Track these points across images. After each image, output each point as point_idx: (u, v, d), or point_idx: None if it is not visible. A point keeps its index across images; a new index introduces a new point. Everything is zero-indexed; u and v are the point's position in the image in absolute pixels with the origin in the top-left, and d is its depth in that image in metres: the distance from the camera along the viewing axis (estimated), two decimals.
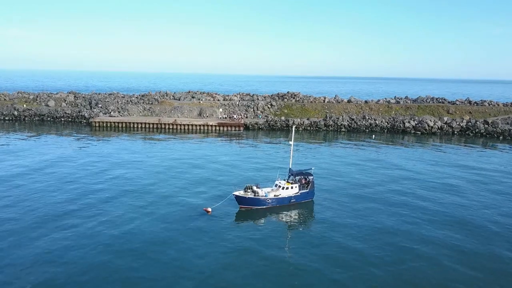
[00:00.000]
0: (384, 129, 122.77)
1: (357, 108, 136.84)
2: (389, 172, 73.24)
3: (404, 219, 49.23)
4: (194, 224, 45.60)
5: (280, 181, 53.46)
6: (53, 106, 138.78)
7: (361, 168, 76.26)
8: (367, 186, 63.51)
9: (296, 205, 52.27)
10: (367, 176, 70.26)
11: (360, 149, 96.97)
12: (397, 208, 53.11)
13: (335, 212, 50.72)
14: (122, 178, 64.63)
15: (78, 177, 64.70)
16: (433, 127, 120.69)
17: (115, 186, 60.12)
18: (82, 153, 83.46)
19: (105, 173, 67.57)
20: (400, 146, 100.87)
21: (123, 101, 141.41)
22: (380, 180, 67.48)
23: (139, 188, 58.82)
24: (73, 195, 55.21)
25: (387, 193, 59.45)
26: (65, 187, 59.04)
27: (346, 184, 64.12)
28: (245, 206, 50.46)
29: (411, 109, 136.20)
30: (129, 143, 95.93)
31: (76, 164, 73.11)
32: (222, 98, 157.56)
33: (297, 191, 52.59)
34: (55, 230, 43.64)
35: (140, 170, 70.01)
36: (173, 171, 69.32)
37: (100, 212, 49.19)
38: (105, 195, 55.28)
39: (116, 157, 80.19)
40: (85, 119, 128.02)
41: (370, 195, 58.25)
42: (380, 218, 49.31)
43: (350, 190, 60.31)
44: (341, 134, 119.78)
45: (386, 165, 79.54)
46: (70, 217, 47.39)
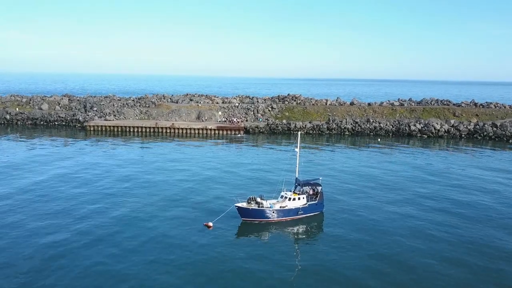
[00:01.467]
0: (389, 132, 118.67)
1: (360, 110, 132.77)
2: (399, 178, 69.06)
3: (425, 233, 45.00)
4: (194, 242, 41.25)
5: (286, 191, 49.18)
6: (47, 109, 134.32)
7: (369, 173, 72.08)
8: (379, 194, 59.36)
9: (304, 219, 47.99)
10: (377, 182, 66.09)
11: (366, 153, 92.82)
12: (416, 220, 48.88)
13: (348, 226, 46.45)
14: (113, 188, 60.24)
15: (62, 188, 60.34)
16: (439, 130, 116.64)
17: (104, 197, 55.73)
18: (70, 160, 79.03)
19: (93, 183, 63.16)
20: (406, 150, 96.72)
21: (119, 104, 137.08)
22: (392, 187, 63.33)
23: (130, 200, 54.43)
24: (57, 207, 50.86)
25: (401, 202, 55.23)
26: (42, 203, 54.66)
27: (356, 192, 59.91)
28: (248, 219, 46.18)
29: (416, 111, 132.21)
30: (123, 149, 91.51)
31: (54, 174, 68.67)
32: (221, 101, 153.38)
33: (305, 203, 48.32)
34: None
35: (133, 178, 65.62)
36: (169, 180, 64.92)
37: (86, 229, 44.80)
38: (91, 209, 50.86)
39: (107, 164, 75.77)
40: (80, 123, 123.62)
41: (384, 205, 54.04)
42: (398, 231, 45.08)
43: (362, 200, 56.09)
44: (344, 137, 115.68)
45: (395, 170, 75.37)
46: (52, 229, 43.05)
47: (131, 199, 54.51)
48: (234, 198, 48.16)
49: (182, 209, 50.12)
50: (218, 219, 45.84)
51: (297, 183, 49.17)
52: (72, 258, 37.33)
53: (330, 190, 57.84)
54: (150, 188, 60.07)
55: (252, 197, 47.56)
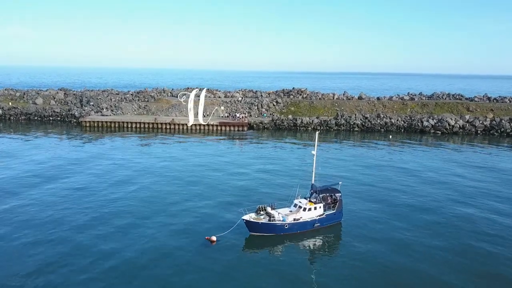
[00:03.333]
0: (401, 128, 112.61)
1: (369, 105, 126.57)
2: (420, 180, 63.22)
3: (461, 247, 39.27)
4: (194, 259, 35.59)
5: (301, 199, 43.32)
6: (41, 104, 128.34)
7: (385, 174, 66.28)
8: (401, 197, 53.65)
9: (321, 230, 42.23)
10: (396, 184, 60.36)
11: (378, 150, 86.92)
12: (452, 230, 43.10)
13: (372, 239, 40.72)
14: (105, 195, 54.50)
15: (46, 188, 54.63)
16: (454, 126, 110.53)
17: (92, 208, 49.99)
18: (62, 158, 73.24)
19: (78, 191, 57.44)
20: (420, 148, 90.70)
21: (117, 99, 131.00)
22: (415, 190, 57.65)
23: (121, 209, 48.60)
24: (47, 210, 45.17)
25: (427, 208, 49.39)
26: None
27: (375, 195, 54.20)
28: (257, 233, 40.42)
29: (427, 106, 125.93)
30: (119, 147, 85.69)
31: (45, 177, 62.99)
32: (223, 95, 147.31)
33: (322, 213, 42.53)
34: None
35: (126, 183, 59.78)
36: (166, 183, 59.06)
37: (73, 249, 39.12)
38: (76, 223, 45.11)
39: (99, 166, 69.99)
40: (75, 119, 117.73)
41: (408, 211, 48.29)
42: (428, 242, 39.35)
43: (383, 204, 50.43)
44: (354, 134, 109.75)
45: (413, 169, 69.50)
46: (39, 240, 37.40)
47: (124, 205, 48.76)
48: (241, 208, 42.14)
49: (181, 219, 44.31)
50: (222, 234, 40.05)
51: (313, 190, 43.27)
52: (58, 270, 31.65)
53: (345, 193, 51.97)
54: (144, 191, 54.27)
55: (261, 206, 41.79)
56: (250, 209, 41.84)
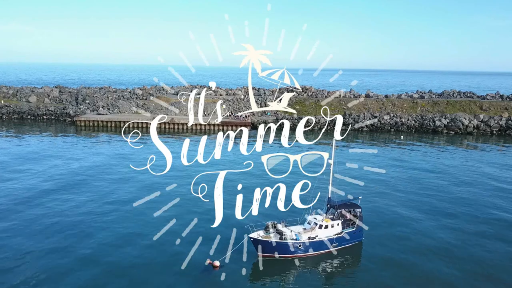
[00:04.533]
0: (412, 128, 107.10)
1: (377, 104, 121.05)
2: (446, 183, 58.02)
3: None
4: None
5: (316, 215, 37.95)
6: (35, 102, 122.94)
7: (405, 178, 61.06)
8: (430, 207, 48.40)
9: (339, 251, 36.87)
10: (418, 191, 55.04)
11: (390, 152, 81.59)
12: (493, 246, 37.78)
13: (398, 262, 35.40)
14: (88, 210, 49.18)
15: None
16: (468, 126, 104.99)
17: (73, 224, 44.68)
18: (49, 160, 67.93)
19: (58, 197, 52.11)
20: (434, 149, 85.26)
21: (114, 97, 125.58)
22: (442, 195, 52.44)
23: (107, 225, 43.26)
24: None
25: (460, 220, 44.03)
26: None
27: (399, 206, 48.82)
28: (267, 255, 35.11)
29: (439, 105, 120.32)
30: (113, 148, 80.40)
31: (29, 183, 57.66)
32: (224, 92, 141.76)
33: (341, 231, 37.18)
34: None
35: (111, 194, 54.41)
36: (159, 198, 53.54)
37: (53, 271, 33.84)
38: (55, 241, 39.83)
39: (87, 171, 64.68)
40: (70, 118, 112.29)
41: (435, 226, 42.91)
42: (468, 267, 34.06)
43: (410, 219, 44.99)
44: (362, 133, 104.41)
45: (434, 171, 64.35)
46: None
47: (108, 219, 43.44)
48: (247, 225, 36.59)
49: (175, 240, 38.75)
50: (227, 256, 34.70)
51: (330, 204, 37.90)
52: None
53: (365, 205, 46.58)
54: (134, 202, 48.79)
55: (271, 223, 36.44)
56: (257, 225, 36.43)
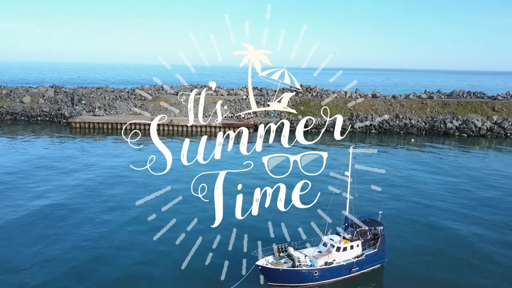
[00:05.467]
0: (422, 130, 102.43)
1: (385, 104, 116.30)
2: (471, 193, 53.32)
3: None
4: None
5: (332, 235, 33.27)
6: (29, 102, 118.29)
7: (425, 187, 56.20)
8: (460, 219, 43.76)
9: (360, 277, 32.21)
10: (443, 196, 50.73)
11: (402, 156, 77.23)
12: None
13: (430, 284, 30.84)
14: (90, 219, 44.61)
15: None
16: (481, 128, 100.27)
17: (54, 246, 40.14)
18: (36, 163, 63.32)
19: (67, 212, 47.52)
20: (449, 152, 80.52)
21: (111, 97, 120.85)
22: (467, 204, 47.77)
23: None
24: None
25: (497, 231, 39.37)
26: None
27: (423, 220, 44.21)
28: (278, 284, 30.46)
29: (449, 105, 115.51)
30: (109, 153, 75.78)
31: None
32: (226, 92, 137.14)
33: (361, 253, 32.52)
34: None
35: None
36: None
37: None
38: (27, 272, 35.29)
39: (76, 182, 60.07)
40: (65, 119, 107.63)
41: (467, 238, 38.28)
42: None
43: (437, 234, 40.44)
44: (370, 136, 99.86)
45: (454, 177, 59.57)
46: None
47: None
48: (254, 250, 31.63)
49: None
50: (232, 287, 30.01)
51: (348, 223, 33.25)
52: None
53: (383, 218, 41.91)
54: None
55: (281, 246, 31.74)
56: (266, 250, 31.63)
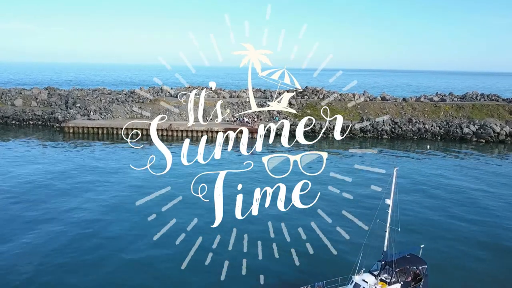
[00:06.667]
0: (436, 135, 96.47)
1: (396, 108, 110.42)
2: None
3: None
4: None
5: (365, 275, 27.24)
6: (20, 105, 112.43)
7: (459, 209, 49.86)
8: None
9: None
10: (487, 218, 44.34)
11: (419, 163, 71.09)
12: None
13: None
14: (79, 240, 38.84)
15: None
16: (500, 134, 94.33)
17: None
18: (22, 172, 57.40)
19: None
20: (471, 160, 74.47)
21: (108, 100, 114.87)
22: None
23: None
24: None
25: None
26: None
27: (468, 249, 38.02)
28: None
29: (463, 109, 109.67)
30: (104, 161, 69.82)
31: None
32: (228, 94, 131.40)
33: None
34: None
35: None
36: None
37: None
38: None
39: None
40: (58, 123, 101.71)
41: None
42: None
43: (478, 264, 34.32)
44: (382, 142, 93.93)
45: (486, 192, 53.56)
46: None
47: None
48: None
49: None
50: None
51: (385, 261, 27.24)
52: None
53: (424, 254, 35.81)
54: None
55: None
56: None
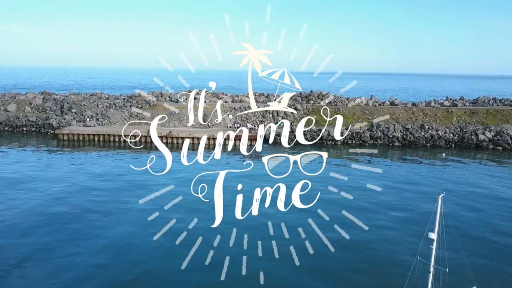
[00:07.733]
0: (450, 142, 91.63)
1: (407, 113, 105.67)
2: None
3: None
4: None
5: None
6: (14, 111, 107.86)
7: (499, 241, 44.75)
8: None
9: None
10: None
11: (435, 173, 66.19)
12: None
13: None
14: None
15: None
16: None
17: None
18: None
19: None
20: (492, 168, 69.58)
21: (105, 105, 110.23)
22: None
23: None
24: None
25: None
26: None
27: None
28: None
29: (477, 114, 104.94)
30: (98, 161, 64.94)
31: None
32: (230, 99, 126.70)
33: None
34: None
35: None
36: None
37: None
38: None
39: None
40: (52, 129, 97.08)
41: None
42: None
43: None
44: (393, 149, 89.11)
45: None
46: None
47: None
48: None
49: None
50: None
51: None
52: None
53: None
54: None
55: None
56: None
